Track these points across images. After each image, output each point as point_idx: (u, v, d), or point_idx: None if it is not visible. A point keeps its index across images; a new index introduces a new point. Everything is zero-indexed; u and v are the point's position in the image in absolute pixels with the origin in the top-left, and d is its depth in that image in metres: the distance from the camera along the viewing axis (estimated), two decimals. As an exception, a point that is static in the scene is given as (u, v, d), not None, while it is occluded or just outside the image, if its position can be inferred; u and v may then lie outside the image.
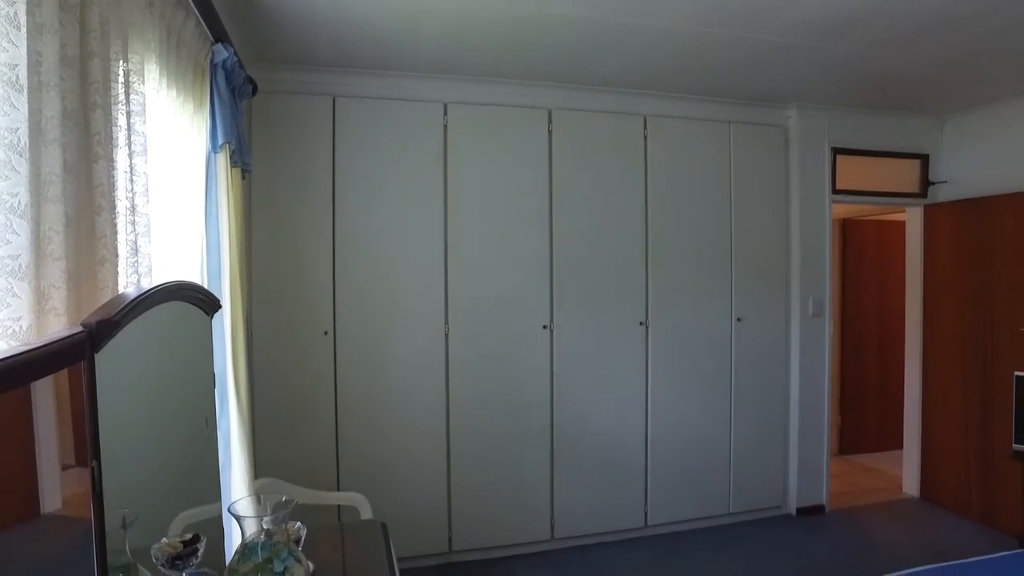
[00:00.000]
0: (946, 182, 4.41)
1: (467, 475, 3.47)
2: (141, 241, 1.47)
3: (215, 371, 2.06)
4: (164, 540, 1.29)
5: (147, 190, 1.52)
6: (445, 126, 3.42)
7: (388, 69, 3.31)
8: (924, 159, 4.44)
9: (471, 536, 3.49)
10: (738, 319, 4.01)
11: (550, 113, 3.60)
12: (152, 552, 1.25)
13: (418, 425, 3.40)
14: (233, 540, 1.66)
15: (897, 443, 4.83)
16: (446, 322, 3.43)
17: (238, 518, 1.41)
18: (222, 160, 2.26)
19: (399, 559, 3.18)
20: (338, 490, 3.20)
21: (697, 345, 3.92)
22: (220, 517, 1.74)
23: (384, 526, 2.18)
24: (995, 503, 3.93)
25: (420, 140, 3.39)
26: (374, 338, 3.34)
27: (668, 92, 3.78)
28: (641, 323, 3.79)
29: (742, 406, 4.04)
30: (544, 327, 3.59)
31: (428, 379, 3.41)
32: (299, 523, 1.72)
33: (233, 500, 1.91)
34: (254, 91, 2.88)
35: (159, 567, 1.25)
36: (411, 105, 3.38)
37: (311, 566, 1.48)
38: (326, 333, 3.26)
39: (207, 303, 1.65)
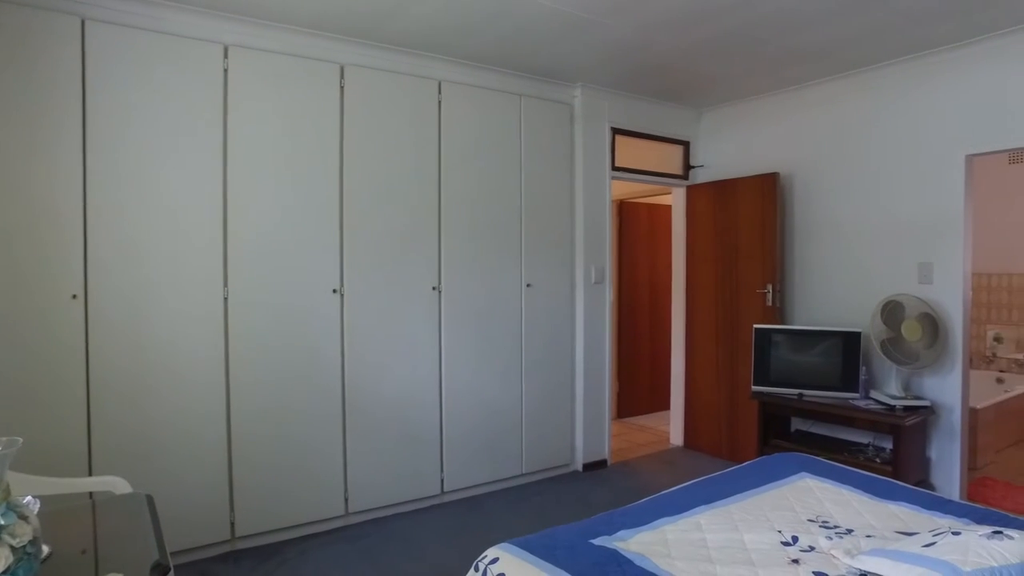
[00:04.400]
0: (703, 166, 5.03)
1: (251, 453, 3.19)
2: None
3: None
4: None
5: None
6: (226, 70, 3.11)
7: (154, -3, 2.92)
8: (686, 145, 5.02)
9: (257, 519, 3.22)
10: (528, 285, 4.18)
11: (342, 69, 3.44)
12: None
13: (193, 400, 3.04)
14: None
15: (667, 405, 5.40)
16: (225, 285, 3.12)
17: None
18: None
19: (171, 554, 2.83)
20: (91, 475, 2.75)
21: (489, 310, 4.02)
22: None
23: (149, 498, 1.90)
24: (740, 441, 4.56)
25: (196, 83, 3.03)
26: (138, 302, 2.92)
27: (462, 59, 3.82)
28: (434, 288, 3.78)
29: (532, 370, 4.22)
30: (334, 291, 3.42)
31: (205, 347, 3.07)
32: (30, 497, 1.43)
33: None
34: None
35: None
36: (186, 43, 3.00)
37: (38, 525, 1.22)
38: (75, 296, 2.78)
39: None
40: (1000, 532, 1.62)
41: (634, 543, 1.90)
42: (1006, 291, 5.87)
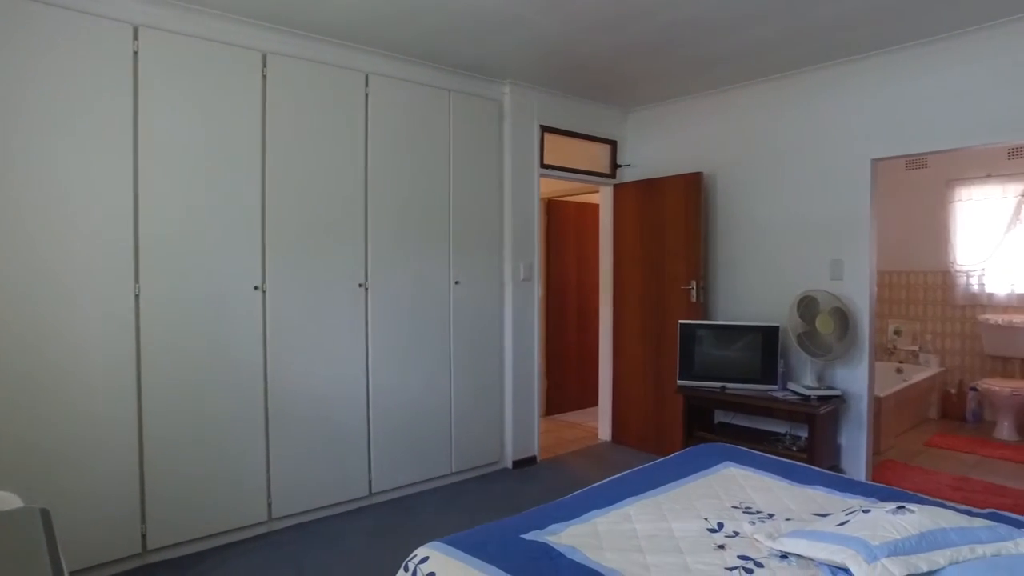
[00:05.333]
0: (630, 165, 5.13)
1: (165, 459, 3.01)
2: None
3: None
4: None
5: None
6: (136, 52, 2.91)
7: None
8: (614, 144, 5.10)
9: (172, 529, 3.04)
10: (456, 282, 4.14)
11: (264, 57, 3.31)
12: None
13: (98, 404, 2.84)
14: None
15: (595, 401, 5.48)
16: (136, 281, 2.93)
17: None
18: None
19: (73, 574, 2.63)
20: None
21: (417, 308, 3.96)
22: None
23: (44, 512, 1.74)
24: (666, 434, 4.67)
25: (102, 65, 2.82)
26: (34, 298, 2.69)
27: (390, 51, 3.75)
28: (361, 285, 3.69)
29: (461, 367, 4.19)
30: (256, 288, 3.28)
31: (113, 347, 2.87)
32: None
33: None
34: None
35: None
36: (88, 20, 2.79)
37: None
38: (-41, 294, 2.55)
39: None
40: (903, 507, 1.72)
41: (566, 536, 1.90)
42: (904, 288, 6.28)
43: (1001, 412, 5.27)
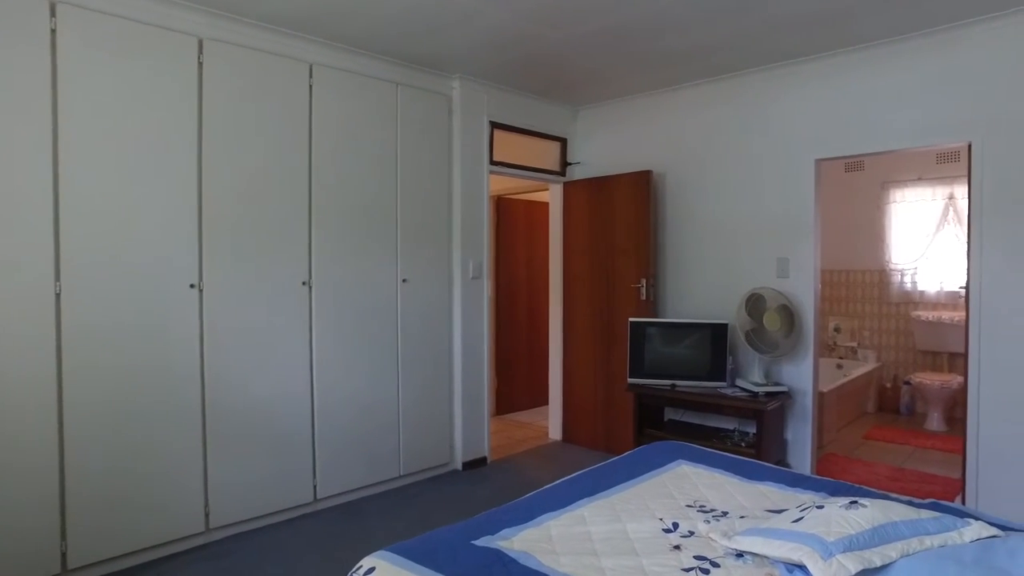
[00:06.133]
0: (580, 163, 5.12)
1: (90, 470, 2.81)
2: None
3: None
4: None
5: None
6: (53, 30, 2.71)
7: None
8: (563, 142, 5.08)
9: (97, 546, 2.84)
10: (404, 280, 4.04)
11: (201, 43, 3.13)
12: None
13: (11, 409, 2.62)
14: None
15: (545, 400, 5.45)
16: (57, 279, 2.72)
17: None
18: None
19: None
20: None
21: (364, 306, 3.84)
22: None
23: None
24: (616, 433, 4.67)
25: (15, 41, 2.61)
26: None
27: (336, 42, 3.61)
28: (304, 283, 3.55)
29: (410, 367, 4.09)
30: (192, 286, 3.11)
31: (29, 353, 2.65)
32: None
33: None
34: None
35: None
36: (-3, -4, 2.59)
37: None
38: None
39: None
40: (856, 502, 1.72)
41: (518, 541, 1.84)
42: (844, 286, 6.48)
43: (931, 404, 5.49)
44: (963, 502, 3.46)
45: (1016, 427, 3.26)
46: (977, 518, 1.82)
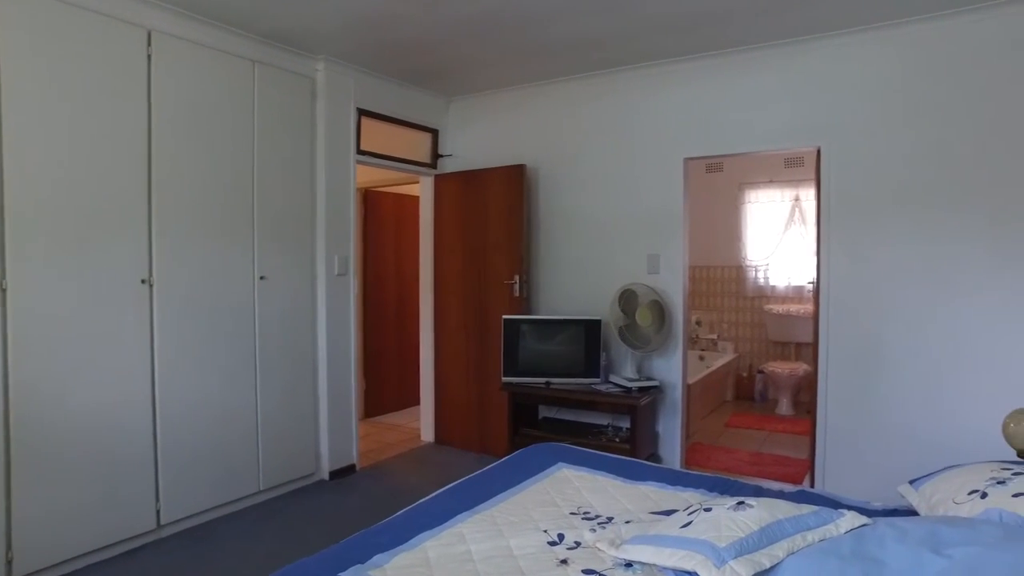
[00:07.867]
0: (451, 155, 4.95)
1: None
2: None
3: None
4: None
5: None
6: None
7: None
8: (435, 133, 4.88)
9: None
10: (261, 277, 3.67)
11: (-1, -6, 2.62)
12: None
13: None
14: None
15: (416, 400, 5.23)
16: None
17: None
18: None
19: None
20: None
21: (216, 306, 3.44)
22: None
23: None
24: (491, 432, 4.56)
25: None
26: None
27: (180, 7, 3.18)
28: (144, 281, 3.11)
29: (269, 372, 3.73)
30: (-6, 285, 2.60)
31: None
32: None
33: None
34: None
35: None
36: None
37: None
38: None
39: None
40: (743, 503, 1.70)
41: (391, 569, 1.65)
42: (705, 281, 6.81)
43: (781, 391, 5.89)
44: (811, 481, 3.69)
45: (857, 411, 3.52)
46: (848, 506, 1.88)
